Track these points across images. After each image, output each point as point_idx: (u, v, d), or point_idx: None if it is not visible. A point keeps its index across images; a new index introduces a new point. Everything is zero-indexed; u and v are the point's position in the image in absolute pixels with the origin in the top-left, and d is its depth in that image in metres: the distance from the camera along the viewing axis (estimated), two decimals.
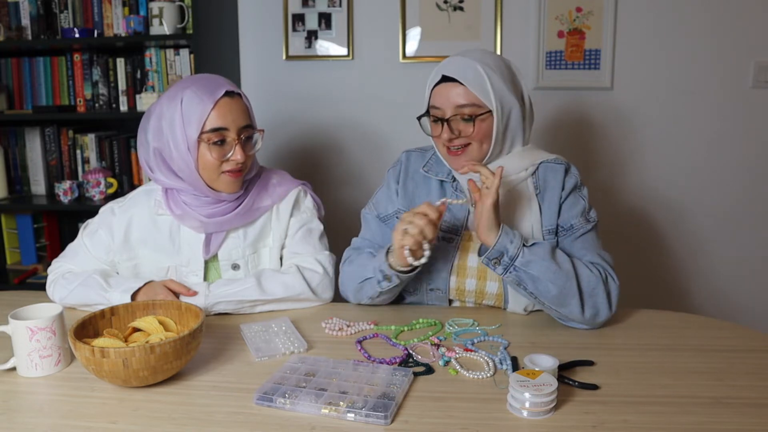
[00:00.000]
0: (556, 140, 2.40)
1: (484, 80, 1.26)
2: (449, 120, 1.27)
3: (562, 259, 1.21)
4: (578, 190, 1.34)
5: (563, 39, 2.32)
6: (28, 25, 2.34)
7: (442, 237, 1.34)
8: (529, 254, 1.18)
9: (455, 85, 1.26)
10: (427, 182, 1.39)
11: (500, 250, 1.18)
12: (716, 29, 2.29)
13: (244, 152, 1.31)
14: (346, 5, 2.39)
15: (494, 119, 1.27)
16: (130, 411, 0.94)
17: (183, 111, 1.28)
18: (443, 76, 1.28)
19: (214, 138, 1.28)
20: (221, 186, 1.33)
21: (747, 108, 2.33)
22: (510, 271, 1.18)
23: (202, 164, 1.30)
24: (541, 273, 1.17)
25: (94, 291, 1.30)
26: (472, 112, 1.26)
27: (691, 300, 2.48)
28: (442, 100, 1.28)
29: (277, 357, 1.11)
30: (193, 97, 1.28)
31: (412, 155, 1.44)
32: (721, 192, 2.40)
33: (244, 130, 1.32)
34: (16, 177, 2.48)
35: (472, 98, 1.26)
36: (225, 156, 1.30)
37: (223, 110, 1.28)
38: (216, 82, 1.31)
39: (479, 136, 1.28)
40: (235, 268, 1.40)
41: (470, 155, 1.30)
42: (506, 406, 0.94)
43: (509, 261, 1.18)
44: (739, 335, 1.21)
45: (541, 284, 1.18)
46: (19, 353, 1.05)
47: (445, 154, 1.33)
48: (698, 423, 0.90)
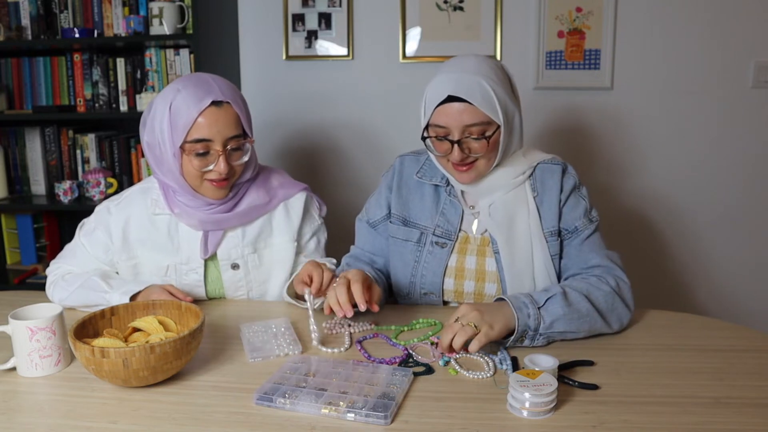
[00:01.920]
0: (556, 140, 2.40)
1: (491, 96, 1.22)
2: (460, 141, 1.24)
3: (576, 299, 1.16)
4: (578, 191, 1.34)
5: (563, 39, 2.32)
6: (28, 25, 2.34)
7: (435, 242, 1.34)
8: (548, 316, 1.13)
9: (463, 104, 1.22)
10: (421, 187, 1.38)
11: (522, 329, 1.11)
12: (716, 29, 2.29)
13: (228, 163, 1.28)
14: (346, 5, 2.39)
15: (501, 133, 1.25)
16: (130, 411, 0.94)
17: (171, 116, 1.27)
18: (449, 96, 1.23)
19: (196, 149, 1.27)
20: (205, 192, 1.33)
21: (747, 108, 2.33)
22: (536, 339, 1.13)
23: (186, 171, 1.30)
24: (565, 326, 1.14)
25: (94, 292, 1.31)
26: (482, 130, 1.23)
27: (692, 300, 2.48)
28: (449, 120, 1.23)
29: (271, 358, 1.11)
30: (181, 104, 1.26)
31: (406, 160, 1.42)
32: (721, 192, 2.40)
33: (231, 140, 1.29)
34: (16, 177, 2.48)
35: (481, 117, 1.22)
36: (207, 166, 1.28)
37: (208, 120, 1.26)
38: (207, 87, 1.28)
39: (489, 152, 1.26)
40: (234, 268, 1.40)
41: (478, 170, 1.27)
42: (506, 406, 0.94)
43: (534, 333, 1.12)
44: (739, 335, 1.21)
45: (569, 334, 1.16)
46: (19, 353, 1.05)
47: (450, 170, 1.30)
48: (698, 423, 0.90)
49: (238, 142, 1.31)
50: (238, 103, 1.31)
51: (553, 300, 1.15)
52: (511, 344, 1.13)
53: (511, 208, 1.30)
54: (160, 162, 1.32)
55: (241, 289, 1.42)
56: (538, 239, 1.29)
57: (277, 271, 1.43)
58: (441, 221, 1.34)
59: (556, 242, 1.30)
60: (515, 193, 1.31)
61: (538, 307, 1.13)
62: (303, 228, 1.46)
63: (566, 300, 1.15)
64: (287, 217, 1.44)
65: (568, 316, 1.14)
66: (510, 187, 1.31)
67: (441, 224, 1.34)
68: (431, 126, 1.27)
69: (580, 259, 1.29)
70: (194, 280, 1.39)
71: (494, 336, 1.08)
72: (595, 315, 1.17)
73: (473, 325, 1.07)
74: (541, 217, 1.30)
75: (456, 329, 1.08)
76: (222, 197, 1.34)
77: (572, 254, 1.30)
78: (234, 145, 1.30)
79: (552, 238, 1.29)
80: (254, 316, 1.33)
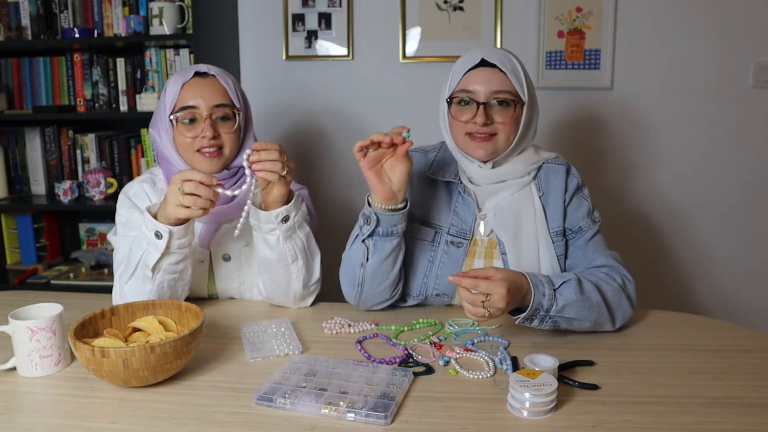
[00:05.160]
0: (556, 140, 2.40)
1: (520, 73, 1.27)
2: (485, 104, 1.24)
3: (589, 288, 1.17)
4: (581, 191, 1.34)
5: (563, 39, 2.32)
6: (28, 25, 2.34)
7: (451, 241, 1.33)
8: (561, 300, 1.13)
9: (494, 70, 1.25)
10: (433, 184, 1.37)
11: (536, 307, 1.12)
12: (716, 29, 2.28)
13: (215, 129, 1.31)
14: (346, 5, 2.39)
15: (524, 112, 1.27)
16: (130, 411, 0.94)
17: (164, 97, 1.33)
18: (481, 60, 1.26)
19: (184, 117, 1.31)
20: (199, 165, 1.33)
21: (747, 108, 2.33)
22: (545, 321, 1.14)
23: (179, 144, 1.33)
24: (575, 313, 1.15)
25: (136, 246, 1.23)
26: (508, 98, 1.25)
27: (692, 300, 2.48)
28: (478, 84, 1.25)
29: (271, 359, 1.11)
30: (170, 83, 1.34)
31: (414, 156, 1.38)
32: (721, 192, 2.40)
33: (218, 108, 1.32)
34: (16, 177, 2.48)
35: (509, 86, 1.25)
36: (196, 134, 1.31)
37: (192, 89, 1.31)
38: (194, 67, 1.35)
39: (509, 125, 1.26)
40: (226, 259, 1.41)
41: (496, 145, 1.26)
42: (506, 406, 0.94)
43: (545, 314, 1.13)
44: (739, 335, 1.21)
45: (575, 322, 1.16)
46: (19, 353, 1.05)
47: (465, 142, 1.28)
48: (698, 423, 0.90)
49: (225, 111, 1.33)
50: (225, 78, 1.36)
51: (568, 285, 1.16)
52: (521, 321, 1.13)
53: (517, 208, 1.29)
54: (160, 147, 1.36)
55: (233, 281, 1.42)
56: (544, 239, 1.28)
57: None
58: (455, 220, 1.33)
59: (561, 242, 1.30)
60: (521, 194, 1.30)
61: (554, 288, 1.14)
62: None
63: (580, 287, 1.16)
64: None
65: (580, 304, 1.15)
66: (517, 187, 1.30)
67: (455, 223, 1.33)
68: (457, 93, 1.28)
69: (585, 259, 1.29)
70: (203, 270, 1.40)
71: (503, 313, 1.09)
72: (603, 307, 1.17)
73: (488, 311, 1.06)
74: (547, 217, 1.30)
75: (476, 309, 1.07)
76: (214, 170, 1.33)
77: (577, 254, 1.30)
78: (221, 113, 1.33)
79: (557, 239, 1.29)
80: (254, 316, 1.33)
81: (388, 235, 1.24)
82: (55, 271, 2.43)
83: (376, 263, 1.26)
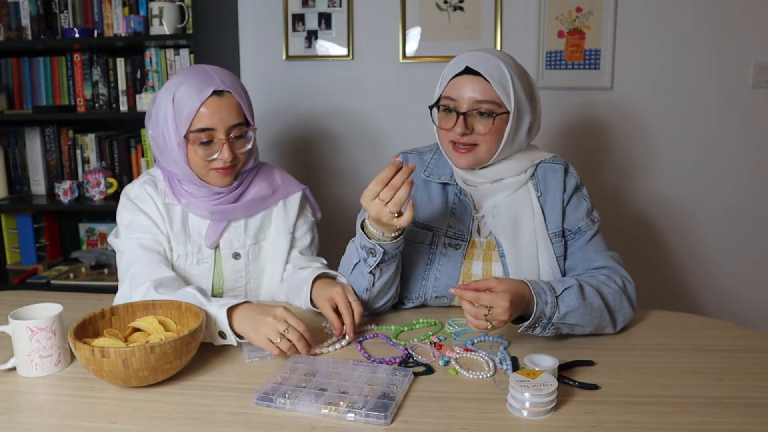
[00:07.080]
0: (556, 140, 2.40)
1: (507, 81, 1.22)
2: (466, 114, 1.23)
3: (590, 293, 1.16)
4: (579, 191, 1.33)
5: (563, 39, 2.32)
6: (28, 25, 2.34)
7: (449, 243, 1.32)
8: (564, 307, 1.13)
9: (478, 79, 1.22)
10: (428, 186, 1.35)
11: (538, 316, 1.11)
12: (716, 29, 2.28)
13: (232, 151, 1.31)
14: (346, 5, 2.39)
15: (509, 122, 1.24)
16: (130, 411, 0.94)
17: (174, 108, 1.29)
18: (466, 68, 1.23)
19: (200, 138, 1.29)
20: (211, 180, 1.35)
21: (747, 108, 2.33)
22: (548, 328, 1.13)
23: (192, 161, 1.32)
24: (577, 319, 1.14)
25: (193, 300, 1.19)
26: (490, 109, 1.22)
27: (692, 300, 2.48)
28: (461, 92, 1.23)
29: (268, 359, 1.11)
30: (183, 96, 1.29)
31: (409, 158, 1.39)
32: (721, 192, 2.39)
33: (234, 128, 1.32)
34: (16, 177, 2.48)
35: (493, 96, 1.22)
36: (212, 155, 1.31)
37: (210, 110, 1.28)
38: (208, 78, 1.30)
39: (491, 136, 1.23)
40: (236, 257, 1.41)
41: (477, 156, 1.25)
42: (506, 406, 0.94)
43: (547, 321, 1.12)
44: (739, 335, 1.21)
45: (577, 328, 1.16)
46: (19, 353, 1.05)
47: (449, 150, 1.28)
48: (698, 423, 0.90)
49: (241, 130, 1.33)
50: (239, 91, 1.34)
51: (570, 291, 1.15)
52: (524, 330, 1.12)
53: (514, 209, 1.28)
54: (166, 153, 1.34)
55: (240, 279, 1.43)
56: (543, 240, 1.28)
57: (272, 262, 1.45)
58: (452, 221, 1.32)
59: (560, 243, 1.29)
60: (519, 194, 1.29)
61: (556, 296, 1.13)
62: (298, 222, 1.49)
63: (582, 293, 1.15)
64: (285, 210, 1.47)
65: (582, 310, 1.14)
66: (514, 187, 1.29)
67: (453, 224, 1.32)
68: (442, 99, 1.27)
69: (584, 260, 1.28)
70: (205, 270, 1.39)
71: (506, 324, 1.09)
72: (604, 312, 1.17)
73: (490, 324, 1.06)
74: (546, 218, 1.29)
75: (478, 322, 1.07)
76: (227, 184, 1.36)
77: (576, 255, 1.29)
78: (237, 133, 1.33)
79: (557, 239, 1.29)
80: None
81: (392, 258, 1.23)
82: (55, 271, 2.43)
83: (381, 284, 1.26)
